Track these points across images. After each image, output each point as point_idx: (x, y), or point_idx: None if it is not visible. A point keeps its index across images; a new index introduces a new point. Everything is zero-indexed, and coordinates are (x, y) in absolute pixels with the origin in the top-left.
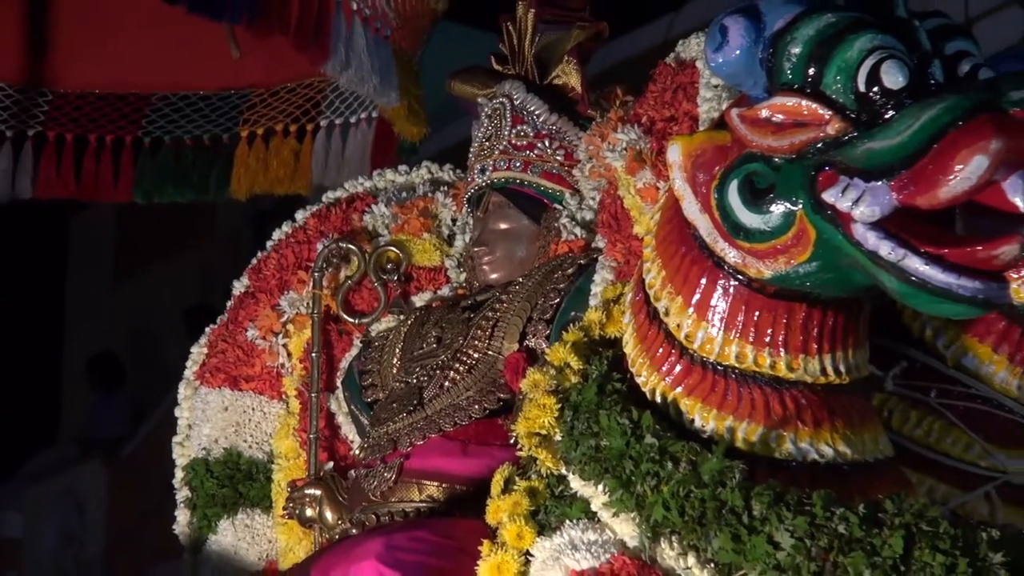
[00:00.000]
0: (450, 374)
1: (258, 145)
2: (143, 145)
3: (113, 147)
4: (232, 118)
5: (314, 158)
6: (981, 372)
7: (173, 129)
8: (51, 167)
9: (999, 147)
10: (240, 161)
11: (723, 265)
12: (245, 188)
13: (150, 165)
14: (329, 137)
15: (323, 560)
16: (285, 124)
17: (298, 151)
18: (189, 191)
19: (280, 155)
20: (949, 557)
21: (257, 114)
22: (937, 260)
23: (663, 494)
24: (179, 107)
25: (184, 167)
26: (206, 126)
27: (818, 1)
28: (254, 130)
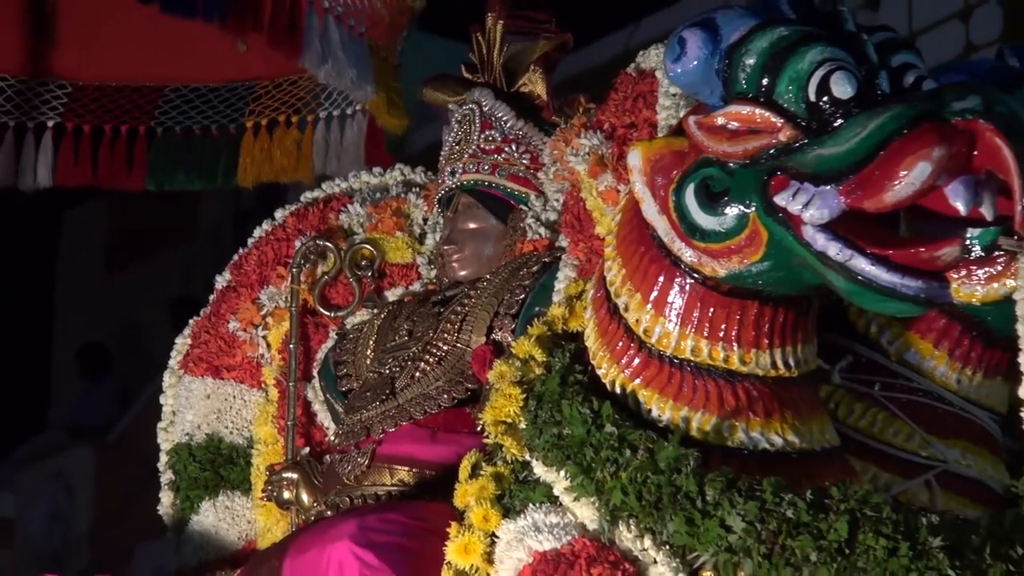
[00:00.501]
0: (421, 365)
1: (263, 135)
2: (156, 135)
3: (128, 137)
4: (239, 109)
5: (315, 147)
6: (922, 367)
7: (184, 119)
8: (70, 156)
9: (941, 154)
10: (246, 150)
11: (680, 264)
12: (251, 176)
13: (162, 154)
14: (328, 127)
15: (299, 540)
16: (287, 115)
17: (300, 141)
18: (198, 179)
19: (283, 145)
20: (891, 541)
21: (262, 105)
22: (882, 260)
23: (621, 480)
24: (189, 99)
25: (194, 156)
26: (214, 117)
27: (771, 15)
28: (259, 120)
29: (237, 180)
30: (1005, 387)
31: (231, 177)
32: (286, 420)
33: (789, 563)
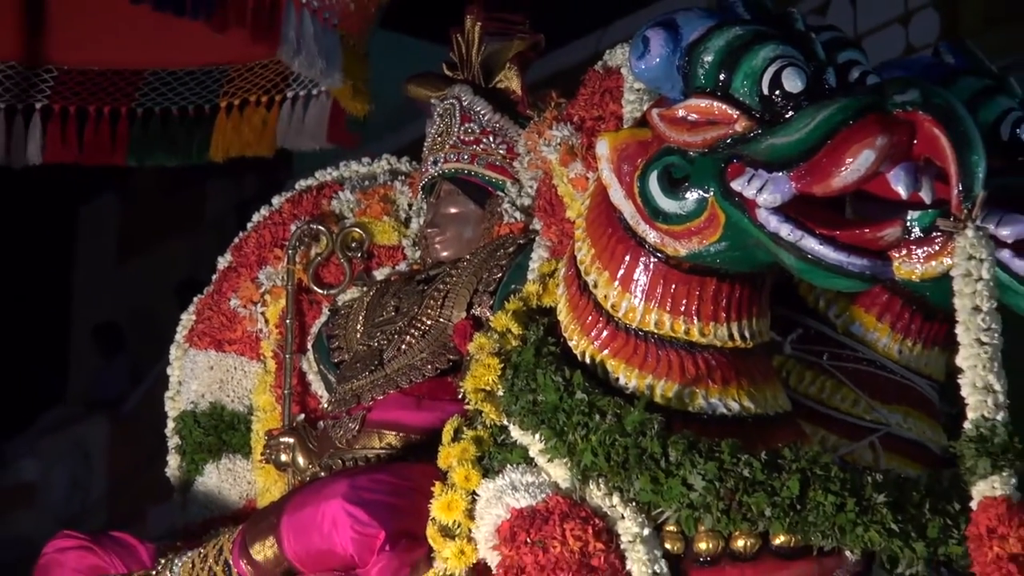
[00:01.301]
0: (407, 338)
1: (234, 114)
2: (136, 115)
3: (111, 117)
4: (213, 91)
5: (279, 125)
6: (867, 338)
7: (162, 101)
8: (56, 136)
9: (884, 143)
10: (219, 128)
11: (644, 244)
12: (222, 152)
13: (142, 133)
14: (293, 107)
15: (296, 499)
16: (258, 96)
17: (266, 119)
18: (175, 155)
19: (251, 122)
20: (839, 497)
21: (235, 87)
22: (830, 240)
23: (591, 442)
24: (168, 81)
25: (171, 134)
26: (191, 98)
27: (728, 16)
28: (232, 101)
29: (209, 155)
30: (943, 357)
31: (204, 153)
32: (283, 389)
33: (746, 518)
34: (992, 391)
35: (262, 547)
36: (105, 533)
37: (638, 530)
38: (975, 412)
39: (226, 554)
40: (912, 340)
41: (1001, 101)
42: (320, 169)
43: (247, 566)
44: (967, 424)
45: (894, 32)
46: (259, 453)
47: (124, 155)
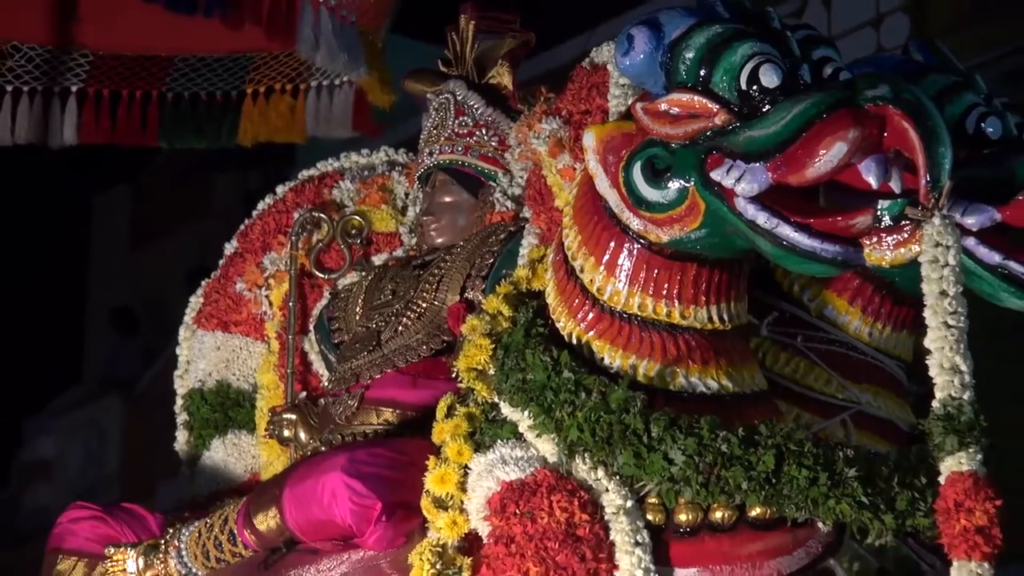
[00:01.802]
0: (403, 320)
1: (260, 101)
2: (167, 99)
3: (142, 100)
4: (240, 77)
5: (307, 113)
6: (839, 321)
7: (191, 86)
8: (91, 117)
9: (856, 135)
10: (246, 114)
11: (628, 231)
12: (250, 137)
13: (172, 116)
14: (319, 95)
15: (298, 472)
16: (282, 83)
17: (293, 106)
18: (204, 138)
19: (278, 109)
20: (812, 471)
21: (260, 74)
22: (805, 228)
23: (578, 419)
24: (197, 67)
25: (200, 118)
26: (218, 84)
27: (708, 15)
28: (257, 88)
29: (238, 139)
30: (911, 339)
31: (232, 137)
32: (286, 368)
33: (723, 491)
34: (959, 372)
35: (265, 517)
36: (117, 504)
37: (621, 502)
38: (942, 392)
39: (231, 524)
40: (882, 323)
41: (967, 97)
42: (322, 161)
43: (251, 535)
44: (935, 403)
45: (866, 34)
46: (263, 429)
47: (155, 137)
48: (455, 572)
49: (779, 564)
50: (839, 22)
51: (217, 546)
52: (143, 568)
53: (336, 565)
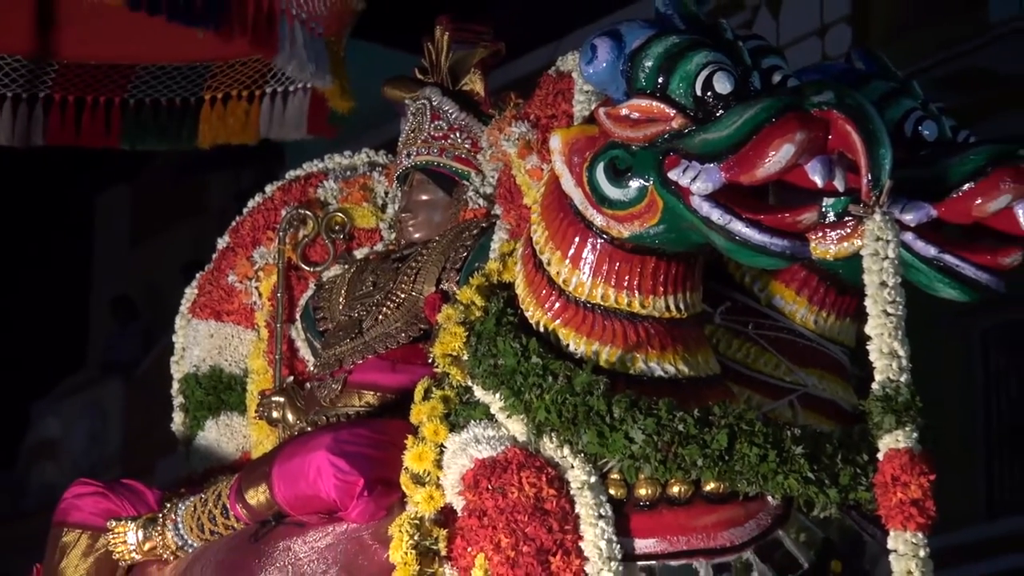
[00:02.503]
0: (383, 310)
1: (218, 106)
2: (129, 105)
3: (106, 106)
4: (198, 84)
5: (261, 117)
6: (786, 310)
7: (152, 92)
8: (57, 121)
9: (803, 138)
10: (204, 119)
11: (592, 227)
12: (208, 140)
13: (134, 120)
14: (273, 101)
15: (285, 451)
16: (239, 90)
17: (248, 111)
18: (165, 141)
19: (235, 114)
20: (762, 449)
21: (217, 81)
22: (755, 224)
23: (545, 401)
24: (157, 75)
25: (161, 122)
26: (178, 90)
27: (666, 26)
28: (215, 94)
29: (197, 142)
30: (853, 326)
31: (192, 140)
32: (274, 354)
33: (680, 467)
34: (897, 356)
35: (255, 492)
36: (118, 481)
37: (586, 478)
38: (882, 375)
39: (224, 499)
40: (826, 311)
41: (905, 102)
42: (308, 162)
43: (242, 509)
44: (874, 385)
45: (811, 43)
46: (253, 410)
47: (118, 140)
48: (432, 543)
49: (732, 535)
50: (786, 33)
51: (211, 519)
52: (142, 540)
53: (321, 537)
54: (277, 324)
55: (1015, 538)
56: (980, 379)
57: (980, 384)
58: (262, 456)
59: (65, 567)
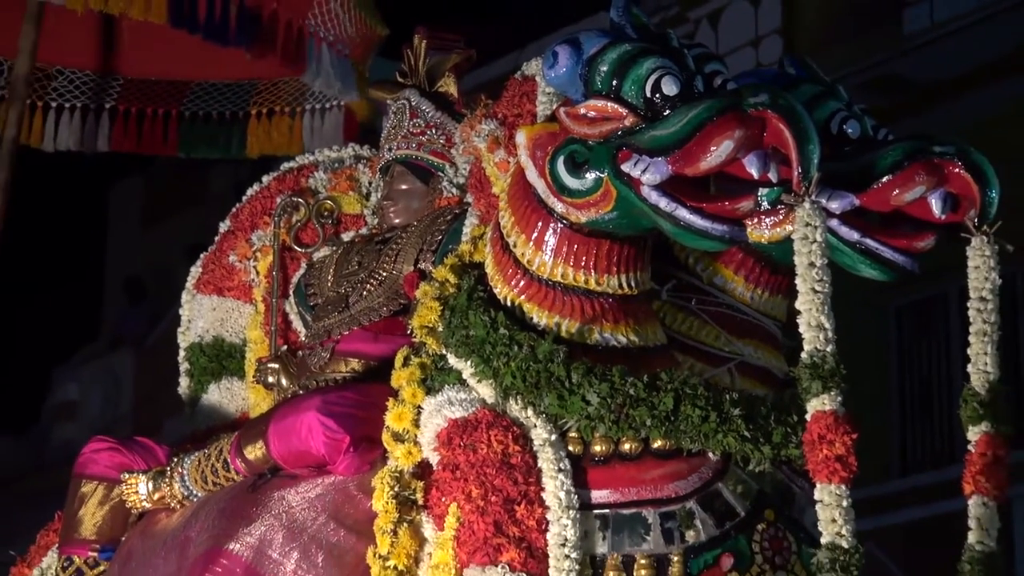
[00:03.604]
0: (367, 286)
1: (264, 120)
2: (184, 117)
3: (164, 118)
4: (245, 100)
5: (304, 131)
6: (726, 287)
7: (205, 106)
8: (120, 130)
9: (741, 135)
10: (252, 131)
11: (553, 213)
12: (256, 151)
13: (189, 131)
14: (313, 117)
15: (280, 411)
16: (281, 106)
17: (291, 126)
18: (216, 151)
19: (279, 128)
20: (704, 411)
21: (262, 97)
22: (698, 211)
23: (511, 368)
24: (209, 91)
25: (212, 133)
26: (228, 105)
27: (619, 35)
28: (261, 109)
29: (246, 153)
30: (785, 302)
31: (241, 150)
32: (270, 326)
33: (631, 427)
34: (823, 329)
35: (253, 448)
36: (130, 438)
37: (547, 436)
38: (810, 345)
39: (225, 454)
40: (761, 289)
41: (831, 104)
42: (300, 155)
43: (241, 463)
44: (803, 354)
45: (747, 53)
46: (251, 376)
47: (175, 148)
48: (410, 494)
49: (676, 486)
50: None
51: (213, 472)
52: (152, 491)
53: (312, 488)
54: (273, 299)
55: (923, 491)
56: (894, 350)
57: (894, 354)
58: (259, 416)
59: (83, 514)
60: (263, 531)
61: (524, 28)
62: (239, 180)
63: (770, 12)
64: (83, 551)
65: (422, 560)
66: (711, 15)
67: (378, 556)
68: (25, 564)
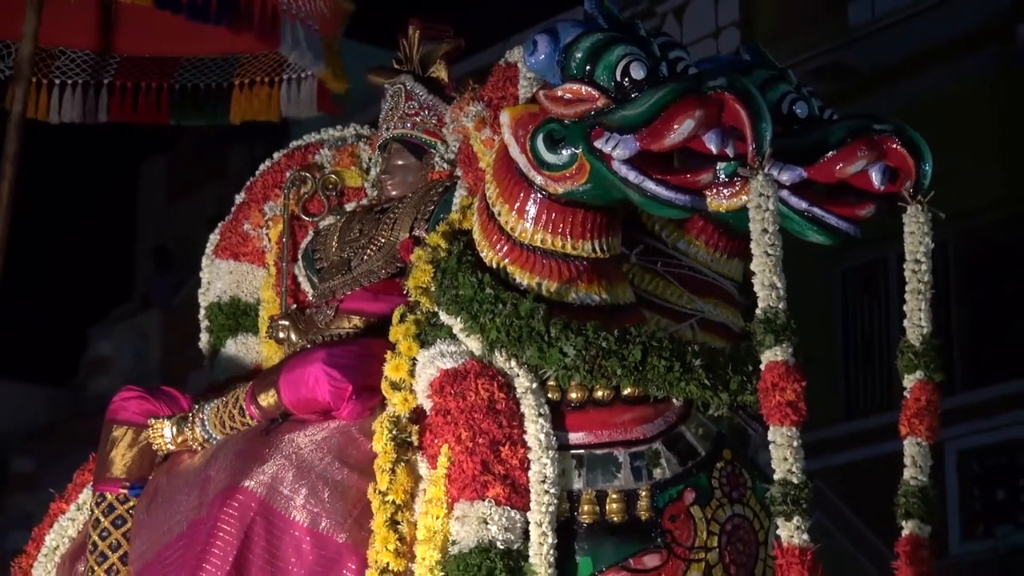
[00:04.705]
0: (367, 252)
1: (246, 90)
2: (175, 89)
3: (157, 90)
4: (229, 72)
5: (281, 99)
6: (689, 251)
7: (193, 79)
8: (118, 102)
9: (701, 115)
10: (235, 100)
11: (533, 185)
12: (238, 117)
13: (179, 102)
14: (289, 86)
15: (290, 363)
16: (261, 77)
17: (270, 94)
18: (203, 118)
19: (259, 96)
20: (668, 361)
21: (244, 70)
22: (663, 183)
23: (496, 323)
24: (197, 65)
25: (200, 103)
26: (213, 77)
27: (592, 26)
28: (243, 80)
29: (229, 119)
30: (741, 264)
31: (225, 117)
32: (281, 287)
33: (603, 376)
34: (775, 288)
35: (266, 396)
36: (157, 388)
37: (529, 384)
38: (763, 302)
39: (241, 401)
40: (720, 252)
41: (782, 87)
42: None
43: (255, 409)
44: (758, 311)
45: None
46: (264, 332)
47: (167, 116)
48: (406, 436)
49: (644, 429)
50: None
51: (231, 417)
52: (176, 434)
53: (319, 431)
54: (283, 263)
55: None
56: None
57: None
58: (271, 367)
59: (115, 456)
60: (275, 470)
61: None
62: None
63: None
64: (114, 488)
65: (417, 495)
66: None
67: (378, 492)
68: (63, 500)
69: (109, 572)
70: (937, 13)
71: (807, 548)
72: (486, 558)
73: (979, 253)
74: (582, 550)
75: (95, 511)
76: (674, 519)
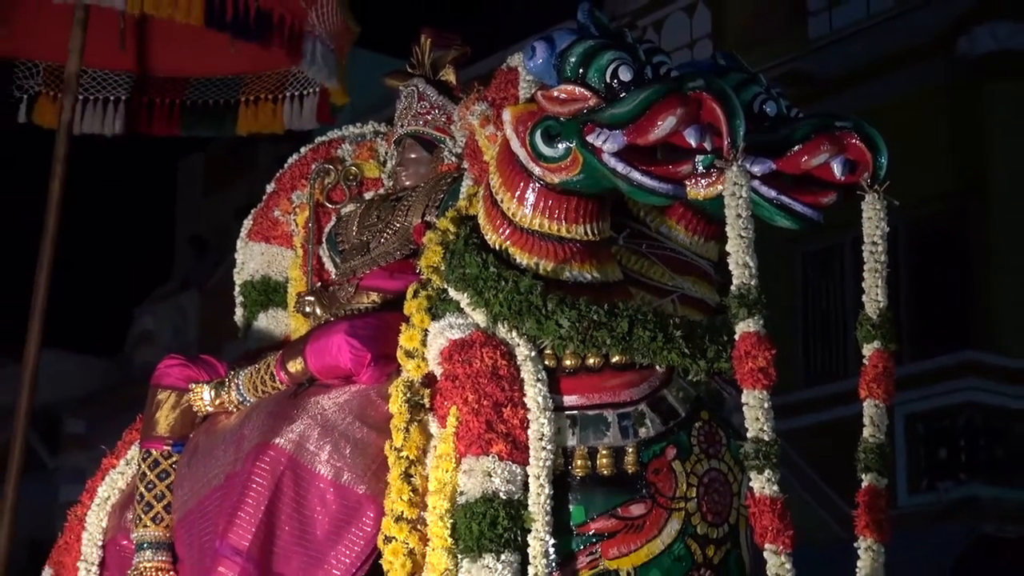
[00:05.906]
0: (384, 235)
1: (251, 106)
2: (186, 105)
3: (168, 106)
4: (235, 91)
5: (284, 113)
6: (670, 235)
7: (202, 96)
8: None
9: (682, 112)
10: (242, 115)
11: (532, 175)
12: (245, 129)
13: (190, 115)
14: (292, 103)
15: (315, 334)
16: (265, 95)
17: (274, 109)
18: (212, 129)
19: (264, 111)
20: (652, 333)
21: (248, 89)
22: (648, 173)
23: (499, 299)
24: (206, 84)
25: (209, 117)
26: (221, 95)
27: (584, 34)
28: (248, 97)
29: (236, 131)
30: (717, 246)
31: (233, 129)
32: (307, 267)
33: (594, 345)
34: (748, 266)
35: (294, 364)
36: (197, 356)
37: (528, 353)
38: (738, 280)
39: (272, 368)
40: (699, 235)
41: (753, 88)
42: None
43: (284, 375)
44: (732, 287)
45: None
46: (292, 306)
47: (178, 129)
48: (419, 399)
49: (631, 393)
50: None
51: (262, 382)
52: (214, 398)
53: (341, 394)
54: (309, 245)
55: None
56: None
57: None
58: (298, 338)
59: (159, 417)
60: (302, 429)
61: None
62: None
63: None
64: (159, 445)
65: (429, 451)
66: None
67: (393, 448)
68: (113, 456)
69: (155, 520)
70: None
71: (777, 498)
72: (490, 507)
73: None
74: (575, 500)
75: (142, 466)
76: (657, 472)
